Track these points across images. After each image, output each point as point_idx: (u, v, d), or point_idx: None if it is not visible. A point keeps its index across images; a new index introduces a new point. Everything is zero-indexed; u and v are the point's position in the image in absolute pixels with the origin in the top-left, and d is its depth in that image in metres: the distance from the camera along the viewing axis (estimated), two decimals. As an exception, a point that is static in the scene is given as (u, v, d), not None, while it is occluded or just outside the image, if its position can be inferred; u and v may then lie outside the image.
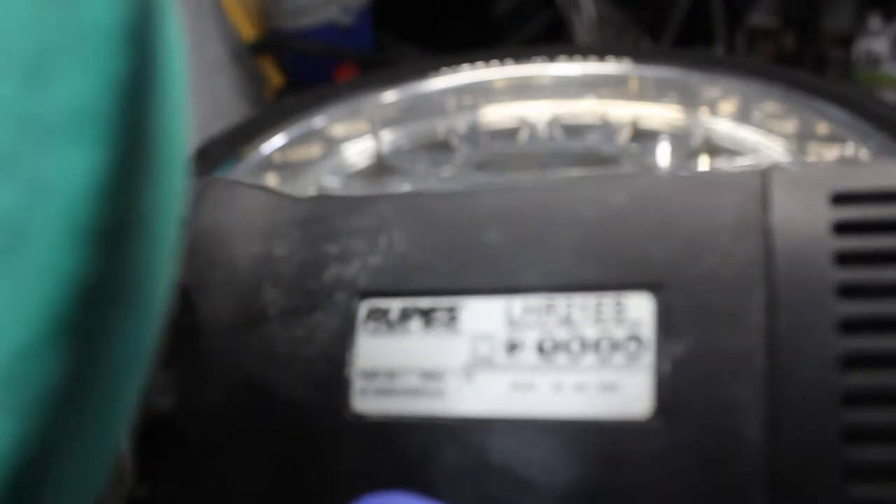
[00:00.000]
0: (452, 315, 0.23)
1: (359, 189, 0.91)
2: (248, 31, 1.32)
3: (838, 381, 0.20)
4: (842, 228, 0.22)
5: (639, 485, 0.21)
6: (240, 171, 0.88)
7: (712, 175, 0.24)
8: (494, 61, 0.97)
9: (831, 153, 0.84)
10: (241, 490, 0.24)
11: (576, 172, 0.92)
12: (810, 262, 0.21)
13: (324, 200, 0.27)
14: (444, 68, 0.97)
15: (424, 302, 0.24)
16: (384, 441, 0.23)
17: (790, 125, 0.88)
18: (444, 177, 0.92)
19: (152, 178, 0.15)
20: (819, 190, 0.22)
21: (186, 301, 0.25)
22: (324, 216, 0.26)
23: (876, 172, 0.23)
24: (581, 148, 0.93)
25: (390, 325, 0.24)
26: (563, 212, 0.24)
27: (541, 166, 0.93)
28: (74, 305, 0.13)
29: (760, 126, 0.89)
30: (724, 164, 0.89)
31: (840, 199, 0.22)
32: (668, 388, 0.21)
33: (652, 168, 0.90)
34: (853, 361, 0.20)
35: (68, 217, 0.13)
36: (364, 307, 0.24)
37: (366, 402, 0.23)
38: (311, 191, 0.90)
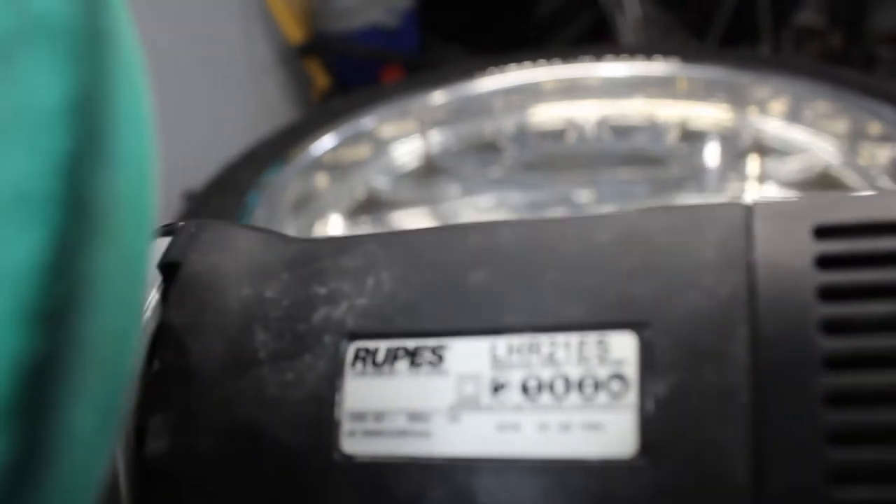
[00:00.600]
0: (438, 356, 0.24)
1: (408, 190, 0.92)
2: (294, 34, 1.33)
3: (824, 419, 0.20)
4: (825, 262, 0.21)
5: None
6: (289, 172, 0.88)
7: (696, 210, 0.24)
8: (542, 61, 0.98)
9: (883, 153, 0.83)
10: None
11: (624, 173, 0.92)
12: (794, 297, 0.21)
13: (313, 241, 0.28)
14: (491, 68, 0.98)
15: (411, 343, 0.24)
16: (373, 482, 0.23)
17: (841, 125, 0.87)
18: (493, 178, 0.92)
19: (104, 246, 0.15)
20: (802, 223, 0.22)
21: (179, 344, 0.25)
22: (313, 257, 0.26)
23: (858, 204, 0.22)
24: (629, 149, 0.93)
25: (377, 367, 0.24)
26: (547, 251, 0.24)
27: (588, 167, 0.93)
28: (21, 386, 0.13)
29: (811, 126, 0.88)
30: (772, 165, 0.88)
31: (823, 232, 0.22)
32: (652, 427, 0.21)
33: (700, 168, 0.90)
34: (839, 398, 0.20)
35: (11, 299, 0.13)
36: (352, 349, 0.24)
37: (354, 443, 0.23)
38: (359, 190, 0.91)
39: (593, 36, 1.42)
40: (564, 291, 0.23)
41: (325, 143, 0.92)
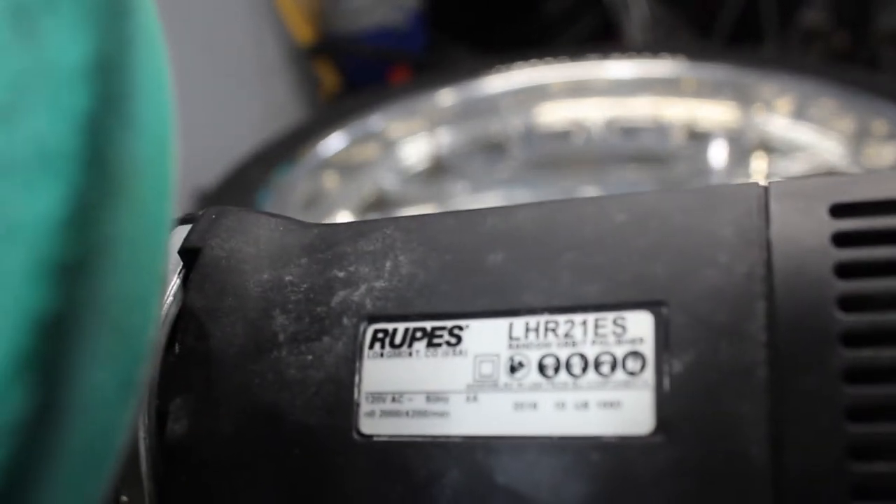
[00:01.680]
0: (456, 336, 0.24)
1: (416, 189, 0.92)
2: (303, 34, 1.34)
3: (842, 395, 0.20)
4: (841, 240, 0.21)
5: (642, 502, 0.21)
6: (299, 172, 0.89)
7: (712, 190, 0.24)
8: (549, 59, 0.98)
9: (889, 151, 0.83)
10: None
11: (630, 172, 0.92)
12: (811, 274, 0.21)
13: (331, 226, 0.28)
14: (499, 66, 0.98)
15: (428, 324, 0.24)
16: (391, 462, 0.23)
17: (847, 123, 0.87)
18: (500, 177, 0.93)
19: (123, 209, 0.15)
20: (818, 202, 0.22)
21: (199, 328, 0.26)
22: (331, 242, 0.27)
23: (874, 183, 0.22)
24: (635, 148, 0.94)
25: (396, 348, 0.24)
26: (563, 232, 0.24)
27: (595, 166, 0.93)
28: (36, 340, 0.13)
29: (817, 124, 0.89)
30: (778, 164, 0.89)
31: (839, 210, 0.22)
32: (669, 404, 0.21)
33: (706, 167, 0.90)
34: (856, 374, 0.20)
35: (29, 253, 0.14)
36: (370, 331, 0.25)
37: (373, 423, 0.24)
38: (368, 189, 0.92)
39: (599, 35, 1.42)
40: (581, 271, 0.23)
41: (334, 142, 0.93)
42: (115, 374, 0.16)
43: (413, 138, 0.96)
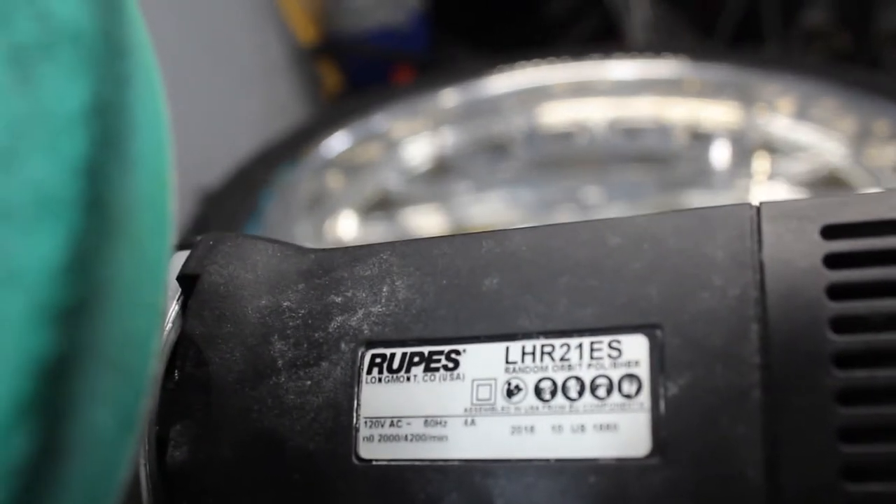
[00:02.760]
0: (453, 361, 0.24)
1: (419, 189, 0.93)
2: (306, 34, 1.34)
3: (836, 416, 0.20)
4: (833, 261, 0.21)
5: None
6: (302, 171, 0.89)
7: (705, 212, 0.24)
8: (552, 59, 0.98)
9: (891, 151, 0.84)
10: None
11: (632, 172, 0.92)
12: (804, 296, 0.21)
13: (328, 251, 0.28)
14: (502, 66, 0.98)
15: (426, 349, 0.24)
16: (390, 486, 0.23)
17: (849, 123, 0.87)
18: (503, 177, 0.93)
19: (122, 249, 0.15)
20: (810, 223, 0.22)
21: (198, 354, 0.26)
22: (328, 267, 0.27)
23: (865, 203, 0.22)
24: (637, 148, 0.94)
25: (393, 373, 0.24)
26: (558, 255, 0.24)
27: (597, 166, 0.93)
28: (38, 384, 0.14)
29: (819, 124, 0.89)
30: (780, 164, 0.89)
31: (831, 231, 0.22)
32: (665, 426, 0.21)
33: (708, 168, 0.90)
34: (850, 395, 0.20)
35: (30, 299, 0.14)
36: (368, 355, 0.25)
37: (372, 448, 0.24)
38: (371, 189, 0.92)
39: (601, 36, 1.42)
40: (576, 295, 0.24)
41: (337, 142, 0.93)
42: (115, 413, 0.16)
43: (416, 138, 0.96)
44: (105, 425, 0.15)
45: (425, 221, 0.89)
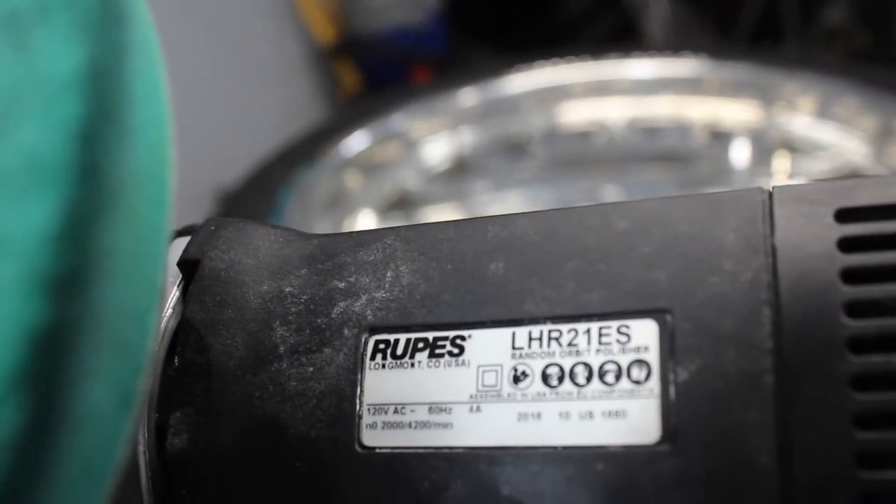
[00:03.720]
0: (458, 347, 0.24)
1: (438, 188, 0.93)
2: (324, 34, 1.35)
3: (850, 401, 0.20)
4: (847, 245, 0.21)
5: None
6: (321, 171, 0.89)
7: (715, 196, 0.23)
8: (570, 58, 0.98)
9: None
10: None
11: (652, 172, 0.92)
12: (817, 280, 0.21)
13: (331, 236, 0.28)
14: (520, 66, 0.98)
15: (430, 334, 0.24)
16: (394, 474, 0.23)
17: (870, 122, 0.87)
18: (522, 177, 0.93)
19: (119, 220, 0.15)
20: (823, 207, 0.22)
21: (199, 340, 0.25)
22: (331, 252, 0.26)
23: (879, 187, 0.22)
24: (657, 147, 0.93)
25: (397, 359, 0.24)
26: (565, 240, 0.24)
27: (616, 166, 0.93)
28: (31, 355, 0.13)
29: (840, 123, 0.88)
30: (801, 163, 0.88)
31: (845, 215, 0.22)
32: (675, 413, 0.21)
33: (728, 167, 0.90)
34: (864, 380, 0.20)
35: (22, 267, 0.13)
36: (371, 341, 0.25)
37: (375, 435, 0.23)
38: (390, 189, 0.92)
39: (619, 35, 1.42)
40: (584, 279, 0.23)
41: (356, 142, 0.93)
42: (112, 388, 0.15)
43: (435, 138, 0.96)
44: (102, 402, 0.15)
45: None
